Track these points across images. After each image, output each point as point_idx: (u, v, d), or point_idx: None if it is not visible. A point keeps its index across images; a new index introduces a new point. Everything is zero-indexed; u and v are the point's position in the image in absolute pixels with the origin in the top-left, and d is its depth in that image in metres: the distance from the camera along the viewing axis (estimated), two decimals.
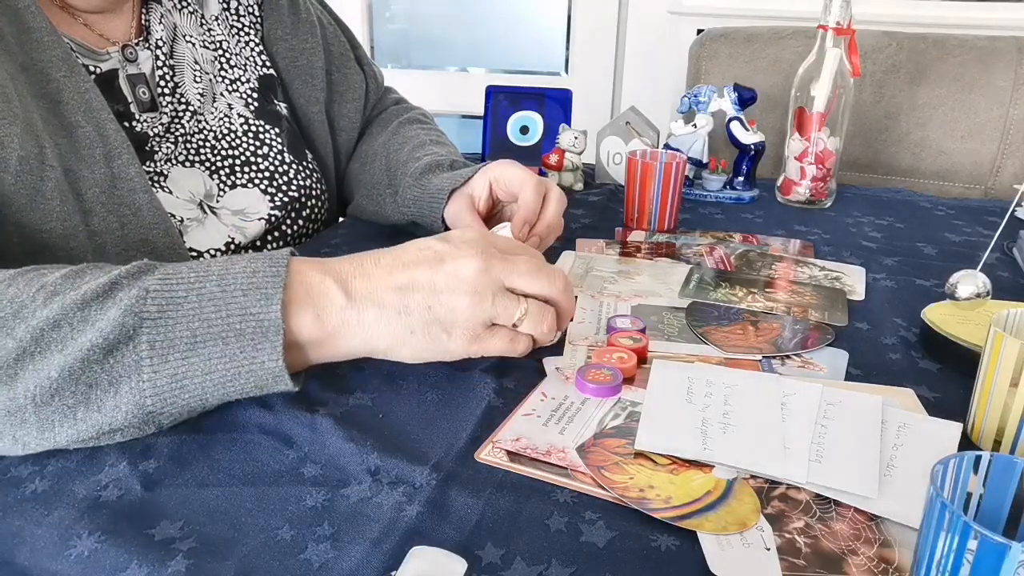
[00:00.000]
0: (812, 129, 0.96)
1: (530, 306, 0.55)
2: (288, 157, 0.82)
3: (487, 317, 0.53)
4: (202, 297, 0.48)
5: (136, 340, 0.46)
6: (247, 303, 0.48)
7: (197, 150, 0.76)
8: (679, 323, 0.66)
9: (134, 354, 0.46)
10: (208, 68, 0.79)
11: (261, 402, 0.53)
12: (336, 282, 0.51)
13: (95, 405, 0.46)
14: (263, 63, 0.85)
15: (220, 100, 0.79)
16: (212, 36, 0.80)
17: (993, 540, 0.31)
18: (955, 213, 1.00)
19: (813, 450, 0.49)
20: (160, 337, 0.46)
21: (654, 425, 0.51)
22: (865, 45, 1.24)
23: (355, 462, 0.47)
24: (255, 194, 0.78)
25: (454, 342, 0.53)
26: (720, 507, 0.44)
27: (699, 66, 1.36)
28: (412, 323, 0.52)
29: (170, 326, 0.47)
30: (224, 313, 0.47)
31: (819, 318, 0.67)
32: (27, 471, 0.46)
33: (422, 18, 1.98)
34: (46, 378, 0.45)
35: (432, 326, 0.52)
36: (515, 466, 0.47)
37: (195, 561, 0.40)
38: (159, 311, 0.47)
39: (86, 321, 0.46)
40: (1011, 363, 0.48)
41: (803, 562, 0.41)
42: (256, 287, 0.48)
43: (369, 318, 0.52)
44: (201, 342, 0.47)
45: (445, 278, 0.52)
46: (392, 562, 0.40)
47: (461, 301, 0.52)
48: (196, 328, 0.47)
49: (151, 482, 0.45)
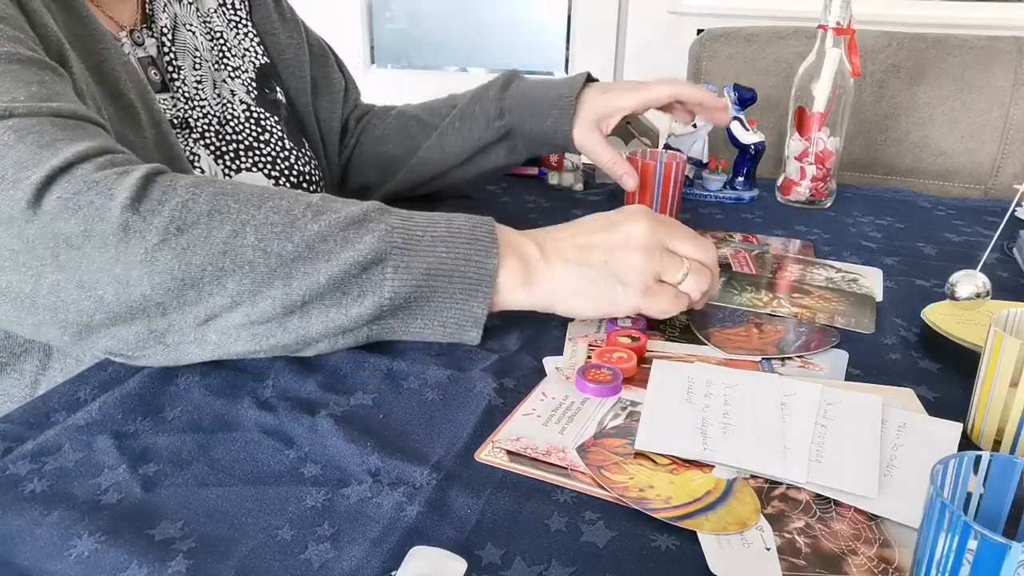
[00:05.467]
0: (812, 129, 0.96)
1: (692, 266, 0.61)
2: (288, 144, 0.84)
3: (656, 271, 0.59)
4: (435, 238, 0.56)
5: (384, 264, 0.54)
6: (470, 251, 0.56)
7: (202, 134, 0.77)
8: (681, 323, 0.66)
9: (381, 274, 0.54)
10: (208, 56, 0.80)
11: (261, 402, 0.53)
12: (532, 240, 0.60)
13: (344, 309, 0.54)
14: (260, 52, 0.87)
15: (222, 87, 0.81)
16: (211, 27, 0.82)
17: (993, 540, 0.31)
18: (955, 213, 1.00)
19: (813, 450, 0.49)
20: (403, 264, 0.55)
21: (654, 425, 0.51)
22: (865, 45, 1.24)
23: (355, 462, 0.47)
24: (259, 178, 0.80)
25: (627, 293, 0.59)
26: (720, 507, 0.44)
27: (699, 66, 1.36)
28: (592, 275, 0.59)
29: (411, 255, 0.55)
30: (452, 255, 0.56)
31: (845, 324, 0.66)
32: (25, 470, 0.46)
33: (422, 18, 1.98)
34: (315, 283, 0.53)
35: (609, 279, 0.59)
36: (515, 466, 0.47)
37: (195, 561, 0.40)
38: (404, 242, 0.55)
39: (347, 241, 0.53)
40: (1011, 363, 0.48)
41: (803, 562, 0.41)
42: (477, 239, 0.57)
43: (557, 269, 0.59)
44: (433, 275, 0.55)
45: (619, 238, 0.59)
46: (392, 562, 0.40)
47: (634, 256, 0.59)
48: (431, 262, 0.55)
49: (151, 482, 0.45)
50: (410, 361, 0.58)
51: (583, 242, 0.60)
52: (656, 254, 0.59)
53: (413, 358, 0.59)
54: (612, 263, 0.59)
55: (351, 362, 0.58)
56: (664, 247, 0.60)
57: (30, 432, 0.49)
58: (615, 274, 0.58)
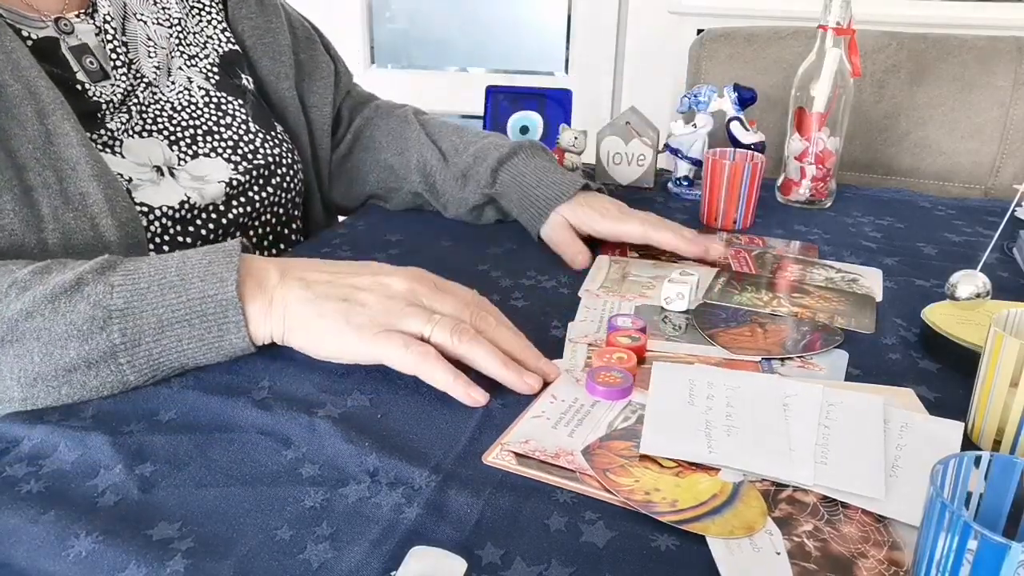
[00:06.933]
0: (812, 129, 0.96)
1: (442, 320, 0.55)
2: (253, 127, 0.83)
3: (391, 320, 0.55)
4: (164, 286, 0.53)
5: (108, 329, 0.51)
6: (205, 287, 0.53)
7: (155, 120, 0.76)
8: (683, 323, 0.66)
9: (107, 342, 0.51)
10: (163, 44, 0.79)
11: (259, 402, 0.53)
12: (275, 266, 0.57)
13: (78, 384, 0.52)
14: (226, 39, 0.87)
15: (178, 74, 0.80)
16: (167, 14, 0.81)
17: (993, 540, 0.31)
18: (955, 213, 1.00)
19: (818, 452, 0.48)
20: (130, 325, 0.52)
21: (658, 428, 0.51)
22: (865, 45, 1.24)
23: (354, 463, 0.47)
24: (219, 163, 0.78)
25: (350, 332, 0.54)
26: (726, 511, 0.44)
27: (699, 66, 1.36)
28: (325, 309, 0.55)
29: (137, 315, 0.52)
30: (186, 298, 0.53)
31: (845, 324, 0.66)
32: (22, 471, 0.46)
33: (422, 18, 1.98)
34: (29, 363, 0.51)
35: (339, 317, 0.55)
36: (524, 469, 0.47)
37: (194, 561, 0.40)
38: (125, 303, 0.52)
39: (57, 312, 0.51)
40: (1011, 363, 0.48)
41: (814, 566, 0.40)
42: (212, 273, 0.54)
43: (290, 297, 0.56)
44: (168, 325, 0.53)
45: (370, 282, 0.57)
46: (392, 562, 0.40)
47: (373, 299, 0.56)
48: (162, 314, 0.53)
49: (148, 483, 0.45)
50: None
51: (332, 277, 0.57)
52: (399, 304, 0.55)
53: None
54: (349, 301, 0.55)
55: None
56: (417, 304, 0.56)
57: (26, 433, 0.49)
58: (346, 314, 0.55)
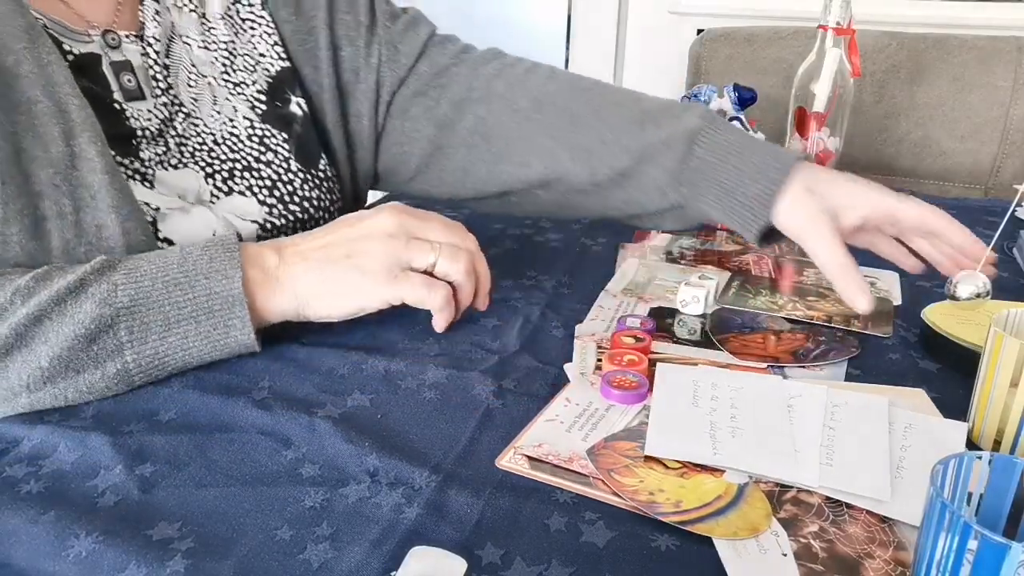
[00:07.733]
0: (812, 129, 0.96)
1: (443, 247, 0.59)
2: (295, 166, 0.75)
3: (401, 257, 0.57)
4: (168, 284, 0.53)
5: (115, 327, 0.51)
6: (211, 284, 0.54)
7: (192, 153, 0.70)
8: (697, 327, 0.65)
9: (115, 340, 0.52)
10: (206, 71, 0.74)
11: (259, 402, 0.53)
12: (272, 249, 0.58)
13: (84, 386, 0.52)
14: (278, 55, 0.78)
15: (224, 105, 0.74)
16: (214, 36, 0.75)
17: (993, 540, 0.30)
18: (955, 213, 0.99)
19: (823, 453, 0.48)
20: (136, 323, 0.52)
21: (663, 429, 0.50)
22: (865, 45, 1.24)
23: (354, 463, 0.47)
24: (252, 203, 0.72)
25: (372, 283, 0.57)
26: (731, 512, 0.44)
27: (699, 66, 1.36)
28: (335, 272, 0.57)
29: (143, 312, 0.52)
30: (192, 295, 0.53)
31: (862, 328, 0.66)
32: (22, 472, 0.46)
33: None
34: (37, 367, 0.50)
35: (351, 272, 0.57)
36: (537, 474, 0.47)
37: (194, 561, 0.40)
38: (131, 301, 0.52)
39: (64, 314, 0.51)
40: (1011, 363, 0.48)
41: (821, 567, 0.40)
42: (216, 269, 0.54)
43: (298, 272, 0.57)
44: (175, 323, 0.53)
45: (361, 230, 0.58)
46: (392, 562, 0.40)
47: (375, 244, 0.57)
48: (168, 312, 0.53)
49: (148, 483, 0.45)
50: (408, 361, 0.58)
51: (325, 242, 0.58)
52: (400, 241, 0.57)
53: (411, 358, 0.59)
54: (354, 255, 0.57)
55: (348, 363, 0.58)
56: (412, 236, 0.58)
57: (26, 433, 0.49)
58: (357, 266, 0.57)
